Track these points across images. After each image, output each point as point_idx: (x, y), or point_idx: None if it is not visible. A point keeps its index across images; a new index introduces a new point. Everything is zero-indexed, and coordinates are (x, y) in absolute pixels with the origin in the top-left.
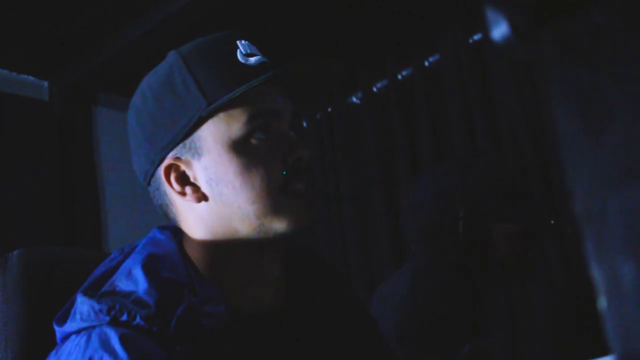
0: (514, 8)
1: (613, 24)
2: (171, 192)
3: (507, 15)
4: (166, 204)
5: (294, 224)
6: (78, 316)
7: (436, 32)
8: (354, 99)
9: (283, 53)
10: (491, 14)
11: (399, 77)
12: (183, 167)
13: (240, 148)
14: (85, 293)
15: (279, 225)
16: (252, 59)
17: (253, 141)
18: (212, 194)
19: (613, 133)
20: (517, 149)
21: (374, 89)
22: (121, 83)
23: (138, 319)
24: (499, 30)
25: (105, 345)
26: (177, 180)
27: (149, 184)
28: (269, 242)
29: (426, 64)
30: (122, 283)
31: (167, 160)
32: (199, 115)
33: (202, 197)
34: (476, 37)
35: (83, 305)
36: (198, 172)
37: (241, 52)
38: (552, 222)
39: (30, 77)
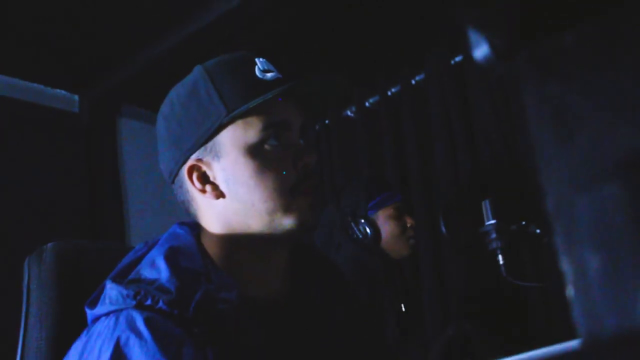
0: (494, 31)
1: (580, 44)
2: (193, 189)
3: (488, 37)
4: (188, 200)
5: (300, 221)
6: (107, 300)
7: (422, 53)
8: (349, 113)
9: (286, 70)
10: (473, 36)
11: (389, 93)
12: (204, 167)
13: (255, 152)
14: (114, 280)
15: (287, 222)
16: (269, 75)
17: (267, 147)
18: (229, 192)
19: (581, 140)
20: (493, 157)
21: (367, 104)
22: (143, 97)
23: (161, 304)
24: (480, 51)
25: (132, 326)
26: (199, 179)
27: (173, 182)
28: (278, 237)
29: (413, 82)
30: (146, 272)
31: (190, 162)
32: (220, 122)
33: (220, 194)
34: (457, 58)
35: (112, 290)
36: (217, 172)
37: (259, 68)
38: (523, 223)
39: (62, 91)
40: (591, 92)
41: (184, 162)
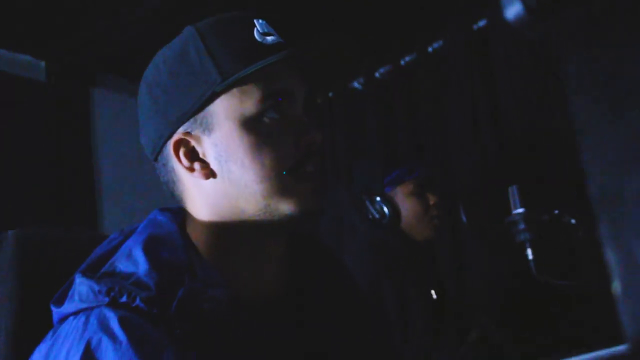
0: None
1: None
2: (179, 167)
3: None
4: (173, 180)
5: (300, 206)
6: (76, 297)
7: (441, 17)
8: (356, 84)
9: (289, 34)
10: None
11: (402, 62)
12: (193, 142)
13: (251, 126)
14: (84, 274)
15: (285, 207)
16: (269, 38)
17: (265, 120)
18: (220, 170)
19: (633, 114)
20: (522, 138)
21: (377, 75)
22: (121, 64)
23: (138, 301)
24: (513, 9)
25: (104, 326)
26: (186, 155)
27: (156, 159)
28: (274, 224)
29: (430, 50)
30: (122, 264)
31: (177, 135)
32: (213, 90)
33: (210, 173)
34: (481, 23)
35: (82, 286)
36: (208, 148)
37: (258, 31)
38: (556, 211)
39: (28, 57)
40: None
41: (170, 136)
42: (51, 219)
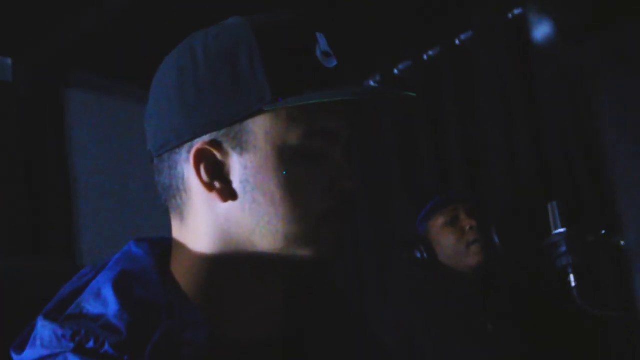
0: (562, 10)
1: None
2: (193, 179)
3: (552, 15)
4: (177, 187)
5: (322, 253)
6: (38, 342)
7: (469, 5)
8: (371, 82)
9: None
10: (534, 14)
11: (425, 57)
12: (219, 156)
13: (292, 159)
14: (47, 316)
15: (305, 252)
16: (330, 60)
17: (309, 157)
18: (243, 196)
19: None
20: (560, 141)
21: (395, 71)
22: (97, 60)
23: (107, 347)
24: (542, 31)
25: None
26: (208, 169)
27: (160, 156)
28: (287, 267)
29: (457, 42)
30: (89, 305)
31: (201, 143)
32: (260, 107)
33: (229, 196)
34: (517, 11)
35: (44, 329)
36: (235, 167)
37: (320, 48)
38: (603, 232)
39: None
40: None
41: (190, 140)
42: (19, 247)
